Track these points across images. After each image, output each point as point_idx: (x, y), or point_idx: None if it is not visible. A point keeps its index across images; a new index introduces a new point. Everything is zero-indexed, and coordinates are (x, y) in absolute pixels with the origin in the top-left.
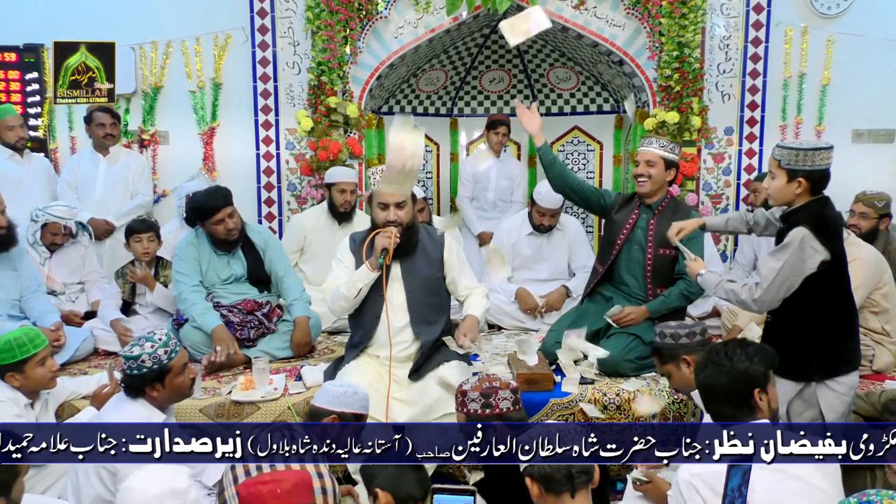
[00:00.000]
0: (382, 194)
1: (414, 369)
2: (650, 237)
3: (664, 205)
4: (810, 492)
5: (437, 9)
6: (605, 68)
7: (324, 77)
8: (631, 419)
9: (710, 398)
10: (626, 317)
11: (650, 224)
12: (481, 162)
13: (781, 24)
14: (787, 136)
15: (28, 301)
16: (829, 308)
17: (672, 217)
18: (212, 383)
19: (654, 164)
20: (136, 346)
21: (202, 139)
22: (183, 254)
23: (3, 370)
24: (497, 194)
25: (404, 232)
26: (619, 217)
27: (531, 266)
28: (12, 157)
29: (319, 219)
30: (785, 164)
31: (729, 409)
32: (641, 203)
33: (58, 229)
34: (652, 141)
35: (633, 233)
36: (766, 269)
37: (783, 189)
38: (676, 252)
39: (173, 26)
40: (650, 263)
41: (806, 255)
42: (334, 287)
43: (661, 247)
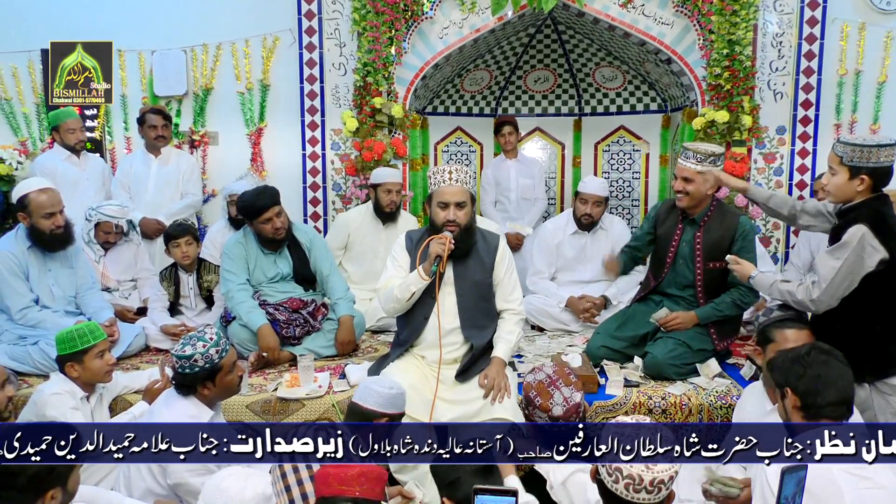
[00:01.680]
0: (443, 193)
1: (461, 371)
2: (698, 252)
3: (709, 215)
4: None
5: (483, 9)
6: (653, 67)
7: (369, 78)
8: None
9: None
10: (673, 321)
11: (696, 238)
12: (500, 165)
13: (837, 21)
14: (841, 136)
15: (83, 298)
16: (884, 308)
17: (720, 227)
18: (258, 380)
19: (692, 181)
20: (187, 345)
21: (250, 140)
22: (231, 252)
23: (63, 360)
24: (520, 193)
25: (461, 234)
26: (664, 231)
27: (574, 267)
28: (69, 158)
29: (364, 218)
30: (847, 160)
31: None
32: (685, 215)
33: (110, 228)
34: (689, 155)
35: (679, 248)
36: (826, 267)
37: (844, 186)
38: (727, 264)
39: (223, 29)
40: (700, 278)
41: (866, 253)
42: (388, 287)
43: (711, 260)
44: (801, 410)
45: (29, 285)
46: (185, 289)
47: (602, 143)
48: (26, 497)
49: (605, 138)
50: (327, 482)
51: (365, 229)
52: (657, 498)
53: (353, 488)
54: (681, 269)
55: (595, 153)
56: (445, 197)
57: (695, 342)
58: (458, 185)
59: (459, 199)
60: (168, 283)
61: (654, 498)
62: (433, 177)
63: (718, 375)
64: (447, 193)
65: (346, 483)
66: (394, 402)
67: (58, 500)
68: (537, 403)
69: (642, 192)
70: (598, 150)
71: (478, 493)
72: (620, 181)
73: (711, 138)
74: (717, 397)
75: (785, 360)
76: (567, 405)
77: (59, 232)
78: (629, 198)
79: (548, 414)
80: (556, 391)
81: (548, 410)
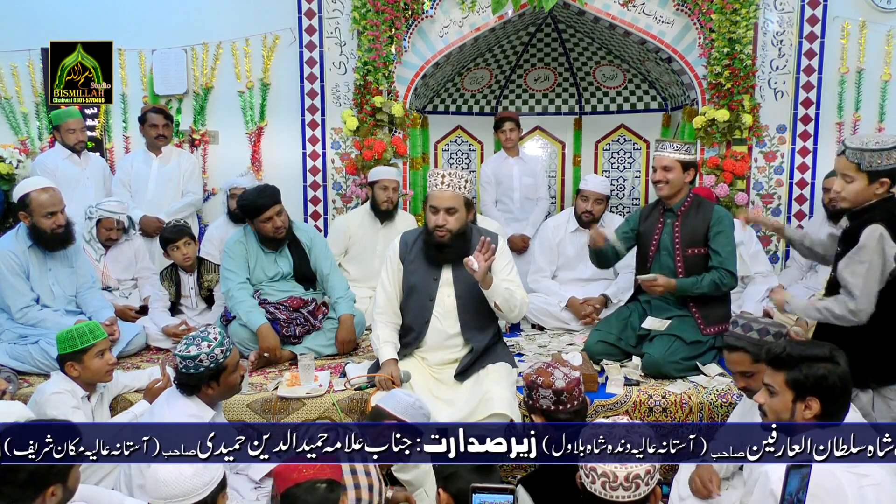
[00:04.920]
0: (434, 197)
1: (460, 371)
2: (677, 240)
3: (686, 205)
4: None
5: (483, 7)
6: (653, 66)
7: (369, 77)
8: (679, 419)
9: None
10: (654, 283)
11: (675, 227)
12: (501, 163)
13: (838, 19)
14: (844, 134)
15: (84, 297)
16: (890, 316)
17: (696, 216)
18: (258, 379)
19: (671, 169)
20: (192, 345)
21: (250, 139)
22: (231, 251)
23: (63, 359)
24: (523, 192)
25: (452, 239)
26: (647, 227)
27: (575, 265)
28: (70, 158)
29: (363, 219)
30: (865, 166)
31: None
32: (665, 208)
33: (112, 224)
34: (666, 145)
35: (661, 239)
36: (854, 275)
37: (863, 192)
38: (706, 249)
39: (223, 28)
40: (680, 265)
41: (886, 250)
42: (378, 307)
43: (690, 247)
44: (820, 418)
45: (29, 284)
46: (185, 289)
47: (602, 141)
48: (27, 493)
49: (605, 137)
50: (297, 469)
51: (364, 229)
52: (636, 495)
53: (324, 471)
54: (664, 260)
55: (595, 152)
56: (436, 201)
57: (687, 334)
58: (449, 189)
59: (449, 204)
60: (169, 282)
61: (632, 495)
62: (430, 179)
63: (719, 374)
64: (437, 198)
65: (315, 469)
66: (410, 412)
67: (58, 497)
68: (540, 382)
69: (642, 191)
70: (598, 148)
71: (475, 492)
72: (621, 180)
73: (712, 137)
74: (718, 396)
75: (812, 371)
76: (568, 378)
77: (60, 231)
78: (629, 196)
79: (552, 389)
80: (556, 370)
81: (551, 386)
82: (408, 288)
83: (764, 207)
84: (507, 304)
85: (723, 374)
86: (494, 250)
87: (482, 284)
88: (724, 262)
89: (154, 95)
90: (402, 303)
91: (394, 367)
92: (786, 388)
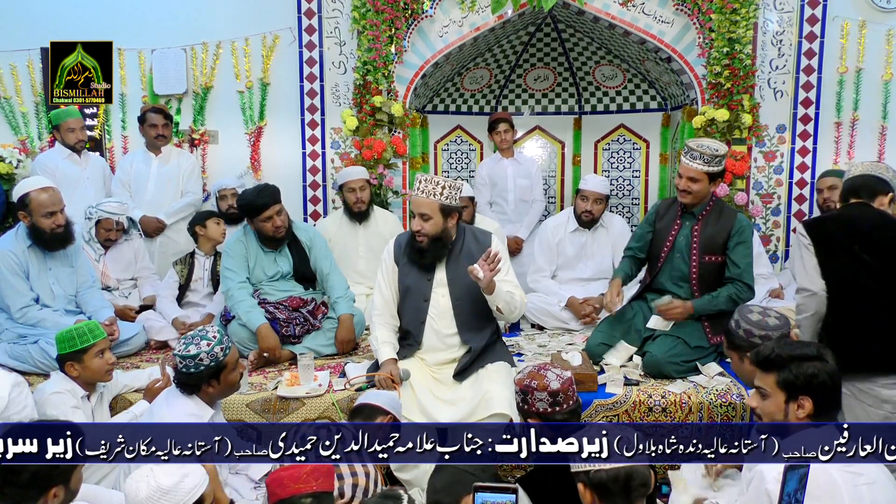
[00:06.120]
0: (412, 202)
1: (459, 370)
2: (694, 244)
3: (708, 209)
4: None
5: (483, 7)
6: (653, 65)
7: (369, 76)
8: (678, 420)
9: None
10: (672, 308)
11: (694, 231)
12: (496, 164)
13: (838, 19)
14: (843, 134)
15: (83, 297)
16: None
17: (717, 222)
18: (258, 379)
19: (698, 181)
20: (191, 344)
21: (250, 138)
22: (231, 250)
23: (63, 359)
24: (517, 194)
25: (430, 244)
26: (663, 226)
27: (575, 265)
28: (70, 157)
29: (341, 222)
30: None
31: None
32: (684, 210)
33: (111, 225)
34: (696, 155)
35: (676, 241)
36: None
37: None
38: (724, 257)
39: (223, 27)
40: (695, 272)
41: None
42: (376, 308)
43: (707, 254)
44: (813, 416)
45: (29, 284)
46: (198, 271)
47: (602, 141)
48: (29, 494)
49: (604, 137)
50: (282, 484)
51: (343, 232)
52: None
53: (309, 484)
54: (677, 263)
55: (595, 152)
56: (413, 206)
57: (692, 339)
58: (423, 196)
59: (422, 210)
60: (182, 265)
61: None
62: (417, 184)
63: (718, 374)
64: (414, 203)
65: (301, 481)
66: (396, 405)
67: (60, 498)
68: (534, 386)
69: (642, 191)
70: (597, 148)
71: (478, 491)
72: (620, 179)
73: (711, 136)
74: (717, 396)
75: (802, 371)
76: (562, 378)
77: (60, 231)
78: (629, 196)
79: (547, 391)
80: (548, 372)
81: (546, 388)
82: (403, 289)
83: (764, 207)
84: (509, 307)
85: (722, 374)
86: (500, 261)
87: (485, 290)
88: (742, 274)
89: (154, 95)
90: (398, 305)
91: (393, 367)
92: (777, 389)
